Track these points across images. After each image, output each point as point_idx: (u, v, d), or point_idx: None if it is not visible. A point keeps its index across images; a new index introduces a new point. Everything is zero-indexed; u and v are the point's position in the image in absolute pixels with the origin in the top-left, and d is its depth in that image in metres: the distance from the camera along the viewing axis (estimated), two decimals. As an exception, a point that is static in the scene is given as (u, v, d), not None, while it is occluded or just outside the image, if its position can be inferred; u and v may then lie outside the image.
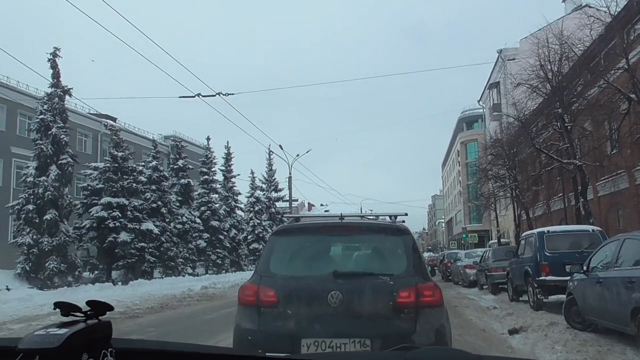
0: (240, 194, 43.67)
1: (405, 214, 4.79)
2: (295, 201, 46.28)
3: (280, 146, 33.49)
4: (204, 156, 39.57)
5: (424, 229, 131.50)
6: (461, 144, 61.56)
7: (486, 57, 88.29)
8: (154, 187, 30.51)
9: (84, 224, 27.00)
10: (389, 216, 4.76)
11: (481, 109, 52.82)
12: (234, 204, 42.17)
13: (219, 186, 40.54)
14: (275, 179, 47.53)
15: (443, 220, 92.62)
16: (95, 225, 26.74)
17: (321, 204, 58.18)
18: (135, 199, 28.18)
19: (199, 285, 22.72)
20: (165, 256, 29.88)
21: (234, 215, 41.66)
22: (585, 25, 15.53)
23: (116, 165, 27.94)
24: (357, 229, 4.63)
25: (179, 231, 32.38)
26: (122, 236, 26.59)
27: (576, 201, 18.62)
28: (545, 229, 12.85)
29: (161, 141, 42.90)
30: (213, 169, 39.86)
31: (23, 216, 23.63)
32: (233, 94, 20.56)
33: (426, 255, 47.16)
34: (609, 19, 15.04)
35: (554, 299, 11.08)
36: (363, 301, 3.79)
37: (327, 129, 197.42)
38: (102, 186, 27.64)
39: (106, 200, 26.92)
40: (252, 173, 46.13)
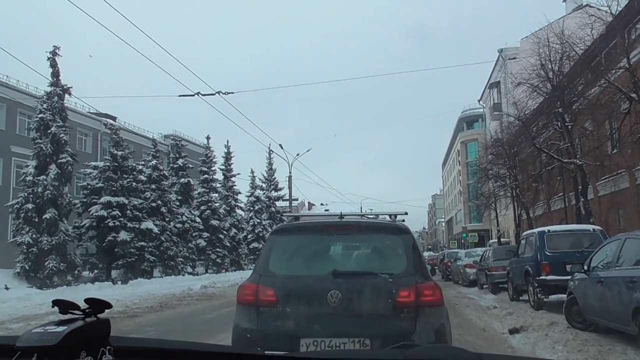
0: (240, 193, 43.74)
1: (405, 213, 4.77)
2: (295, 200, 46.29)
3: (281, 145, 33.40)
4: (204, 155, 39.55)
5: (424, 228, 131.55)
6: (461, 144, 61.58)
7: (487, 56, 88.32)
8: (153, 186, 30.50)
9: (83, 223, 26.99)
10: (389, 215, 4.74)
11: (481, 109, 52.81)
12: (234, 203, 42.16)
13: (219, 185, 40.55)
14: (275, 178, 47.54)
15: (443, 220, 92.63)
16: (94, 224, 26.74)
17: (321, 203, 58.10)
18: (135, 198, 28.17)
19: (199, 284, 22.73)
20: (165, 255, 29.87)
21: (234, 214, 41.66)
22: (586, 25, 15.50)
23: (116, 165, 27.93)
24: (356, 228, 4.60)
25: (179, 230, 32.37)
26: (121, 235, 26.59)
27: (576, 201, 18.61)
28: (546, 228, 12.83)
29: (161, 140, 42.87)
30: (213, 168, 39.87)
31: (22, 215, 23.61)
32: (233, 92, 20.59)
33: (426, 254, 47.14)
34: (610, 18, 15.03)
35: (554, 298, 11.08)
36: (363, 301, 3.78)
37: (327, 128, 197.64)
38: (102, 185, 27.64)
39: (106, 199, 26.91)
40: (252, 172, 46.17)
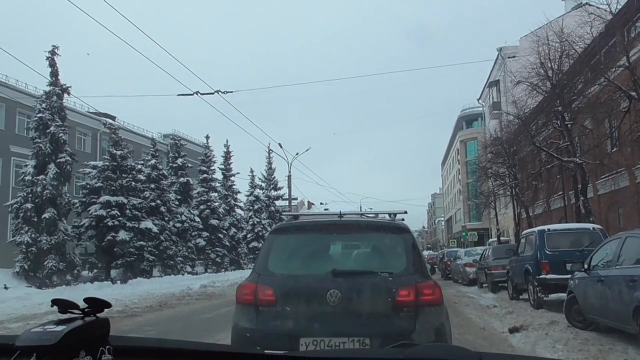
0: (240, 192, 43.76)
1: (404, 212, 4.76)
2: (294, 200, 46.20)
3: (280, 144, 33.36)
4: (203, 155, 39.56)
5: (423, 227, 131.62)
6: (461, 143, 61.60)
7: (486, 55, 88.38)
8: (153, 185, 30.51)
9: (82, 223, 26.98)
10: (389, 214, 4.72)
11: (481, 107, 52.84)
12: (233, 202, 42.17)
13: (218, 185, 40.55)
14: (274, 177, 47.54)
15: (443, 219, 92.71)
16: (94, 223, 26.73)
17: (321, 202, 58.12)
18: (134, 197, 28.16)
19: (198, 284, 22.75)
20: (165, 255, 29.88)
21: (234, 213, 41.67)
22: (586, 23, 15.48)
23: (115, 164, 27.91)
24: (356, 227, 4.59)
25: (178, 230, 32.37)
26: (121, 235, 26.58)
27: (576, 199, 18.61)
28: (546, 227, 12.81)
29: (160, 140, 42.84)
30: (212, 168, 39.86)
31: (21, 215, 23.59)
32: (232, 91, 20.52)
33: (426, 253, 47.21)
34: (610, 16, 15.00)
35: (554, 297, 11.07)
36: (362, 300, 3.77)
37: (327, 127, 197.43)
38: (101, 185, 27.62)
39: (105, 198, 26.89)
40: (252, 171, 46.17)
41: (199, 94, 19.52)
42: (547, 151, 20.17)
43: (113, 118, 39.57)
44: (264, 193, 46.36)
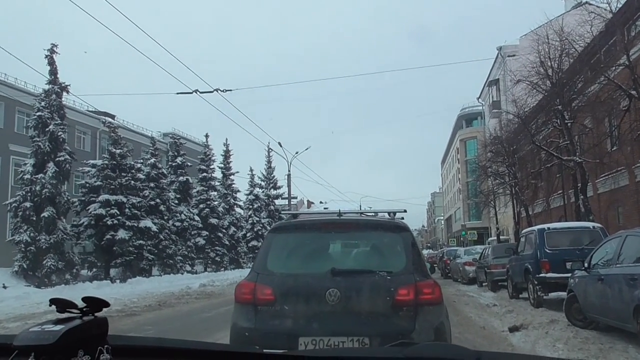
0: (239, 191, 43.80)
1: (404, 210, 4.74)
2: (294, 199, 46.16)
3: (279, 143, 33.30)
4: (203, 154, 39.55)
5: (423, 226, 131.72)
6: (460, 141, 61.60)
7: (486, 54, 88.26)
8: (152, 184, 30.49)
9: (81, 222, 26.97)
10: (388, 213, 4.69)
11: (481, 106, 52.81)
12: (232, 201, 42.17)
13: (217, 184, 40.57)
14: (274, 176, 47.56)
15: (442, 218, 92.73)
16: (93, 222, 26.72)
17: (320, 201, 57.99)
18: (133, 196, 28.14)
19: (198, 283, 22.73)
20: (164, 254, 29.87)
21: (233, 212, 41.68)
22: (586, 22, 15.47)
23: (114, 163, 27.89)
24: (355, 226, 4.57)
25: (178, 229, 32.37)
26: (120, 234, 26.57)
27: (576, 198, 18.61)
28: (546, 225, 12.81)
29: (160, 138, 42.80)
30: (212, 167, 39.88)
31: (20, 214, 23.59)
32: (231, 90, 20.33)
33: (425, 252, 47.21)
34: (610, 15, 15.00)
35: (554, 296, 11.07)
36: (361, 299, 3.75)
37: (326, 126, 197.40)
38: (100, 183, 27.61)
39: (104, 197, 26.88)
40: (251, 170, 46.22)
41: (198, 93, 19.45)
42: (547, 150, 20.17)
43: (112, 117, 39.51)
44: (263, 192, 46.39)
